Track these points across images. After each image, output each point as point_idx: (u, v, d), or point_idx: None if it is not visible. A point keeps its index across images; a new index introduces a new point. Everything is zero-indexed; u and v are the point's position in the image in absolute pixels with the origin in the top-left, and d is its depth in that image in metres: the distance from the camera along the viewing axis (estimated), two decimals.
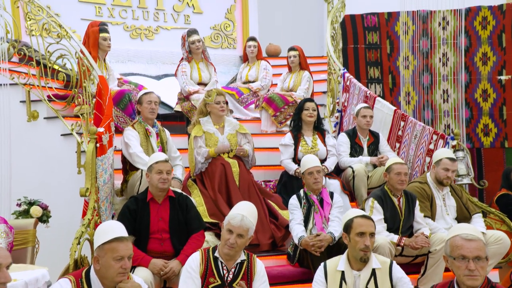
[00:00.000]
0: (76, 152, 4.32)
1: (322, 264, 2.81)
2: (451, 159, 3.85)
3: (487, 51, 5.17)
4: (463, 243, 2.24)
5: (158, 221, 3.26)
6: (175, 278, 3.07)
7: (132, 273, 3.08)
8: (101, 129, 3.45)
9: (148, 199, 3.34)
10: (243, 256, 2.77)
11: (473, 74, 5.23)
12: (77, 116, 4.60)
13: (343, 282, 2.62)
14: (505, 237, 3.60)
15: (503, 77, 4.98)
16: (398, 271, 2.62)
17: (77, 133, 4.42)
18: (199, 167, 4.23)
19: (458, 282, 2.26)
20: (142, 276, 3.05)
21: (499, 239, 3.60)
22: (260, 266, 2.81)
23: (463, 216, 3.92)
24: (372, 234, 2.74)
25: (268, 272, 2.91)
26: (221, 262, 2.71)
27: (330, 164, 4.50)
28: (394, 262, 2.72)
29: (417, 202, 3.76)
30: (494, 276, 3.68)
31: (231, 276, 2.70)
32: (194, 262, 2.71)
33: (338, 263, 2.77)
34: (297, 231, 3.57)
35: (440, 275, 3.54)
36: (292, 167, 4.46)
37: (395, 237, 3.56)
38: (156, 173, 3.30)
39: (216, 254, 2.74)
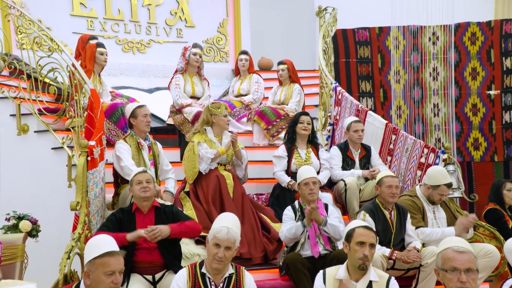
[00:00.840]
0: (66, 165, 4.29)
1: (321, 271, 2.82)
2: (449, 186, 3.88)
3: (476, 66, 5.25)
4: (454, 255, 2.25)
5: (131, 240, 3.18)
6: (166, 285, 2.99)
7: (126, 287, 3.06)
8: (92, 143, 3.44)
9: (133, 209, 3.33)
10: (231, 270, 2.74)
11: (463, 88, 5.31)
12: (68, 130, 4.58)
13: None
14: (495, 250, 3.61)
15: (492, 92, 5.06)
16: (394, 286, 2.60)
17: (68, 146, 4.39)
18: (204, 168, 4.18)
19: None
20: None
21: (489, 253, 3.62)
22: (249, 278, 2.77)
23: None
24: (372, 245, 2.76)
25: (260, 286, 2.91)
26: (209, 278, 2.68)
27: (323, 178, 4.51)
28: (393, 278, 2.70)
29: (408, 215, 3.78)
30: None
31: None
32: (181, 279, 2.68)
33: (338, 271, 2.80)
34: (291, 226, 3.55)
35: None
36: (285, 179, 4.46)
37: (387, 251, 3.56)
38: (136, 184, 3.31)
39: (203, 270, 2.70)
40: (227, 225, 2.69)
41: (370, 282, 2.61)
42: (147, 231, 3.12)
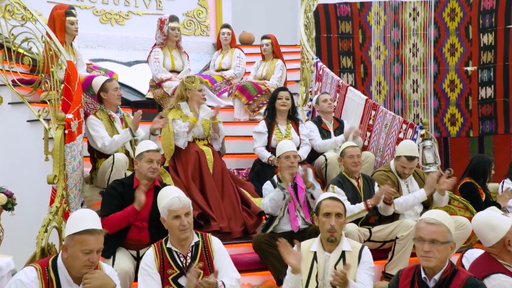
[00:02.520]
0: (43, 138, 4.21)
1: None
2: (409, 158, 3.91)
3: (454, 42, 5.29)
4: (423, 226, 2.32)
5: (141, 209, 3.20)
6: None
7: (114, 262, 3.05)
8: (70, 116, 3.38)
9: (134, 186, 3.29)
10: (196, 238, 2.73)
11: (442, 64, 5.35)
12: (44, 102, 4.47)
13: (314, 262, 2.68)
14: (468, 222, 3.72)
15: (469, 68, 5.11)
16: (367, 255, 2.66)
17: (44, 119, 4.29)
18: (182, 143, 4.16)
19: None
20: (124, 266, 3.03)
21: (462, 225, 3.74)
22: (217, 243, 2.77)
23: (427, 200, 4.03)
24: (338, 215, 2.78)
25: (239, 259, 2.93)
26: (176, 252, 2.68)
27: (303, 153, 4.54)
28: (366, 247, 2.75)
29: (376, 183, 3.88)
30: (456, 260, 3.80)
31: (188, 260, 2.66)
32: (149, 258, 2.67)
33: (312, 244, 2.85)
34: (271, 194, 3.60)
35: (406, 260, 3.64)
36: (265, 155, 4.48)
37: (360, 205, 3.65)
38: (146, 162, 3.27)
39: (169, 245, 2.70)
40: (175, 195, 2.69)
41: (343, 252, 2.65)
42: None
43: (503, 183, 4.66)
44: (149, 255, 2.68)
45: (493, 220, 2.52)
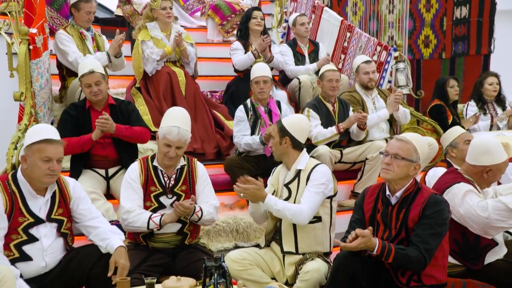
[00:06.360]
0: (6, 53, 4.02)
1: (274, 169, 2.91)
2: (367, 62, 4.04)
3: None
4: (392, 142, 2.41)
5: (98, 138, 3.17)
6: (119, 182, 3.04)
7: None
8: (33, 30, 3.21)
9: (87, 107, 3.26)
10: (182, 162, 2.76)
11: None
12: (4, 14, 4.20)
13: (279, 177, 2.80)
14: (435, 142, 3.86)
15: None
16: (315, 173, 2.66)
17: (6, 32, 4.06)
18: (150, 69, 4.07)
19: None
20: (88, 184, 3.06)
21: (429, 144, 3.84)
22: (202, 169, 2.81)
23: (391, 117, 4.13)
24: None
25: (213, 180, 2.97)
26: (161, 171, 2.70)
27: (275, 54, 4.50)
28: (320, 166, 2.72)
29: (351, 108, 3.93)
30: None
31: (172, 182, 2.70)
32: (133, 172, 2.68)
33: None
34: (248, 139, 3.62)
35: (374, 180, 3.79)
36: (248, 57, 4.34)
37: (332, 129, 3.73)
38: (86, 87, 3.21)
39: (155, 163, 2.71)
40: (177, 124, 2.64)
41: (299, 171, 2.71)
42: (101, 117, 3.08)
43: (467, 105, 4.75)
44: (135, 169, 2.69)
45: (493, 148, 2.55)
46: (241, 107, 3.77)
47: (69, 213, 2.42)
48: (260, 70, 3.74)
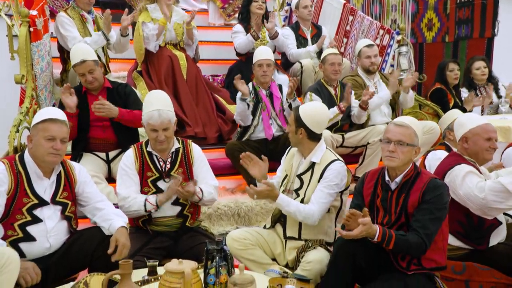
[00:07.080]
0: (7, 35, 4.01)
1: (289, 148, 2.89)
2: (369, 46, 4.03)
3: None
4: (392, 128, 2.38)
5: (77, 112, 3.16)
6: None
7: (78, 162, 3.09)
8: (34, 12, 3.19)
9: (83, 91, 3.26)
10: (177, 144, 2.75)
11: None
12: None
13: (293, 163, 2.76)
14: (437, 127, 3.85)
15: None
16: (329, 171, 2.59)
17: (6, 14, 4.05)
18: (153, 47, 4.07)
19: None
20: (90, 167, 3.07)
21: (431, 129, 3.87)
22: (197, 150, 2.80)
23: (394, 101, 4.17)
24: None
25: (214, 164, 2.99)
26: (156, 156, 2.70)
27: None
28: (335, 163, 2.62)
29: (352, 91, 3.91)
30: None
31: (168, 165, 2.70)
32: (128, 159, 2.68)
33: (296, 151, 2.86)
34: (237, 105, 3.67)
35: (376, 164, 3.81)
36: (248, 44, 4.35)
37: (334, 109, 3.71)
38: (80, 76, 3.22)
39: (149, 148, 2.71)
40: (157, 107, 2.61)
41: (313, 163, 2.67)
42: (96, 102, 3.08)
43: (460, 92, 4.71)
44: (129, 156, 2.69)
45: (465, 120, 2.61)
46: None
47: (73, 197, 2.45)
48: (263, 53, 3.72)
